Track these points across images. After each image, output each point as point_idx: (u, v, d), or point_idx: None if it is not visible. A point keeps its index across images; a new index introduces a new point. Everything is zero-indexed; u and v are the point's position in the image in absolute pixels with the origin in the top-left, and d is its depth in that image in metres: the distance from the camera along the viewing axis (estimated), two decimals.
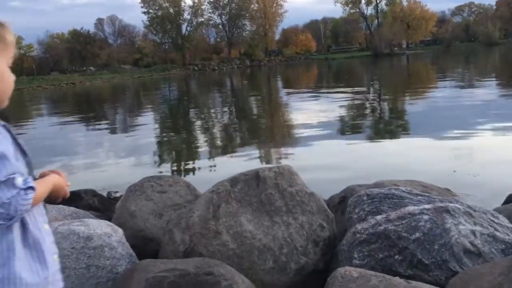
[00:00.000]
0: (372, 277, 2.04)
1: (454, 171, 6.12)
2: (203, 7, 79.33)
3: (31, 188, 1.26)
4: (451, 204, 2.64)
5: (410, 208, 2.66)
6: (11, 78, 1.39)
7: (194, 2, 77.54)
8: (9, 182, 1.22)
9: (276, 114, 15.95)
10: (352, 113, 13.93)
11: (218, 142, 10.96)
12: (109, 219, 3.91)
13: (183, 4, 77.40)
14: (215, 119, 15.78)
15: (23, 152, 1.39)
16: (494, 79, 22.18)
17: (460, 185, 5.09)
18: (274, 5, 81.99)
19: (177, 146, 10.70)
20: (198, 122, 14.85)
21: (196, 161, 8.52)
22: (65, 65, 77.80)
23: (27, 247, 1.35)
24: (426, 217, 2.60)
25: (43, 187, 1.38)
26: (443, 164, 6.63)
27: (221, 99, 24.86)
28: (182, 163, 8.74)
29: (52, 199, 1.46)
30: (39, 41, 78.18)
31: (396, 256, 2.61)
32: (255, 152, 9.02)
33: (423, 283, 2.14)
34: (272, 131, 12.02)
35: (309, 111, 14.53)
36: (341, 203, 3.57)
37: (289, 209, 3.02)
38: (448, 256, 2.48)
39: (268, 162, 7.99)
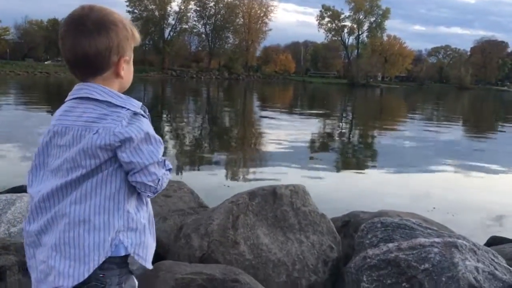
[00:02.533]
0: None
1: (434, 208, 6.38)
2: (189, 14, 79.45)
3: (170, 169, 1.50)
4: (459, 241, 2.83)
5: (421, 240, 2.83)
6: (132, 69, 1.58)
7: (180, 9, 77.60)
8: (162, 163, 1.45)
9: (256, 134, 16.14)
10: (328, 140, 14.26)
11: (204, 152, 11.05)
12: None
13: (169, 9, 77.33)
14: (184, 128, 15.83)
15: None
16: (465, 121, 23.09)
17: (443, 223, 5.36)
18: (259, 22, 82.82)
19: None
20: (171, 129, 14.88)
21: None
22: (40, 54, 76.14)
23: (148, 221, 1.52)
24: (436, 249, 2.77)
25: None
26: (422, 200, 6.90)
27: (196, 108, 24.91)
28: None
29: None
30: (16, 25, 76.43)
31: (404, 284, 2.77)
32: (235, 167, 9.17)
33: None
34: (260, 150, 12.17)
35: (280, 132, 14.79)
36: (344, 226, 3.72)
37: (301, 227, 3.16)
38: None
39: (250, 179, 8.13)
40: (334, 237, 3.22)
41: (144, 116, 1.43)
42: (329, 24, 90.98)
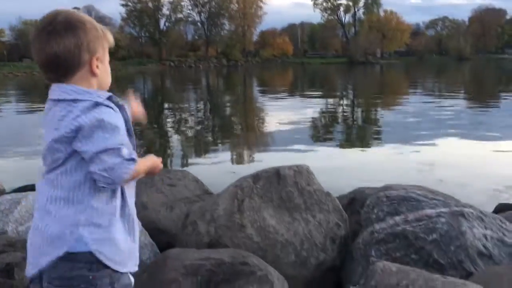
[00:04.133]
0: (410, 272, 2.18)
1: (441, 180, 6.37)
2: (182, 3, 78.82)
3: (133, 160, 1.40)
4: (465, 209, 2.83)
5: (428, 211, 2.83)
6: (109, 68, 1.58)
7: None
8: (116, 151, 1.36)
9: (262, 118, 16.10)
10: (334, 120, 14.22)
11: (208, 139, 11.05)
12: None
13: None
14: (190, 119, 15.81)
15: (130, 135, 1.52)
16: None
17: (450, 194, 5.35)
18: (254, 6, 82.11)
19: (167, 141, 10.73)
20: (173, 120, 14.87)
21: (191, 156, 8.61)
22: None
23: (122, 217, 1.47)
24: (443, 219, 2.77)
25: (143, 164, 1.50)
26: (428, 173, 6.89)
27: (199, 98, 24.86)
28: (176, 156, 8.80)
29: (147, 176, 1.62)
30: (11, 27, 76.10)
31: (413, 255, 2.77)
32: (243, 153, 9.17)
33: (458, 279, 2.30)
34: (263, 134, 12.15)
35: (283, 116, 14.74)
36: (350, 204, 3.72)
37: (307, 207, 3.15)
38: (463, 257, 2.66)
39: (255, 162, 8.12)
40: (340, 214, 3.22)
41: (108, 106, 1.42)
42: (324, 3, 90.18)
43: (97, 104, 1.40)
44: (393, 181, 4.97)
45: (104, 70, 1.51)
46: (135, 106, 1.73)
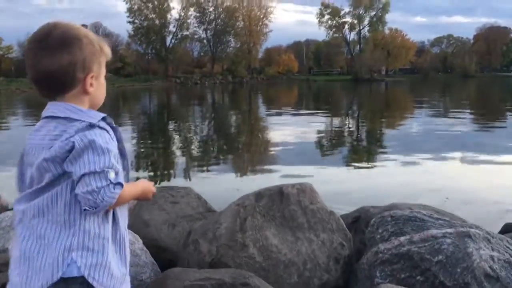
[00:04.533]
0: None
1: (447, 199, 6.31)
2: (189, 21, 79.64)
3: (120, 184, 1.36)
4: (472, 230, 2.78)
5: (433, 231, 2.78)
6: (104, 84, 1.55)
7: (180, 16, 77.82)
8: (103, 174, 1.32)
9: (267, 134, 16.10)
10: (342, 139, 14.19)
11: (211, 156, 11.03)
12: None
13: (169, 16, 77.58)
14: (200, 134, 15.83)
15: (123, 156, 1.49)
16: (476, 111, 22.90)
17: (456, 213, 5.29)
18: (260, 24, 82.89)
19: (174, 158, 10.72)
20: (182, 136, 14.89)
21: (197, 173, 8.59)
22: None
23: (114, 241, 1.44)
24: (448, 240, 2.72)
25: (132, 189, 1.48)
26: (434, 192, 6.82)
27: (206, 115, 24.94)
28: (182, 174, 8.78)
29: (139, 200, 1.58)
30: (19, 43, 76.99)
31: (418, 277, 2.71)
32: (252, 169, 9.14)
33: None
34: (268, 151, 12.13)
35: (290, 132, 14.72)
36: (354, 222, 3.67)
37: (310, 226, 3.11)
38: (470, 279, 2.59)
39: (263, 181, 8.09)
40: (344, 234, 3.17)
41: (102, 128, 1.39)
42: (329, 21, 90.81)
43: (91, 126, 1.37)
44: (398, 200, 4.92)
45: (98, 87, 1.48)
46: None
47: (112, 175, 1.34)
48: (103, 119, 1.43)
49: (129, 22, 76.04)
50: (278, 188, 3.19)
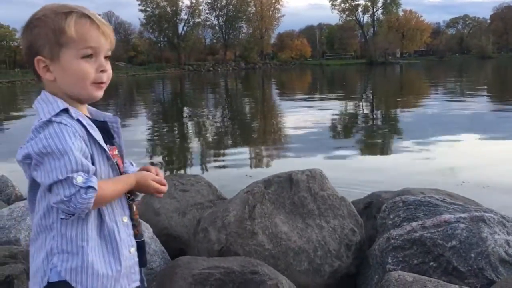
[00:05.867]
0: (427, 282, 2.08)
1: (463, 182, 6.20)
2: (200, 7, 79.44)
3: (91, 187, 1.26)
4: (486, 214, 2.70)
5: (446, 216, 2.71)
6: (80, 68, 1.35)
7: (191, 2, 77.67)
8: (68, 181, 1.24)
9: (285, 119, 16.01)
10: (357, 123, 14.06)
11: (223, 142, 11.01)
12: None
13: (180, 4, 77.44)
14: (220, 120, 15.82)
15: (102, 147, 1.39)
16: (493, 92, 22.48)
17: (471, 197, 5.19)
18: (272, 9, 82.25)
19: (187, 145, 10.74)
20: (200, 123, 14.89)
21: (206, 159, 8.59)
22: None
23: (102, 238, 1.38)
24: (462, 225, 2.65)
25: (112, 187, 1.37)
26: (450, 175, 6.71)
27: (221, 101, 24.92)
28: (194, 161, 8.77)
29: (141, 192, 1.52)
30: None
31: (431, 263, 2.65)
32: (265, 154, 9.11)
33: None
34: (280, 136, 12.07)
35: (310, 117, 14.61)
36: (366, 208, 3.62)
37: (321, 212, 3.06)
38: (484, 264, 2.53)
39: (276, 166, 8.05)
40: (356, 220, 3.12)
41: (61, 123, 1.28)
42: (342, 4, 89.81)
43: (48, 122, 1.28)
44: (411, 184, 4.84)
45: (62, 73, 1.34)
46: (156, 177, 1.51)
47: (79, 180, 1.24)
48: (64, 110, 1.32)
49: (141, 10, 76.16)
50: (287, 175, 3.15)
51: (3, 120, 16.30)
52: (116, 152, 1.48)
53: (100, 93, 1.42)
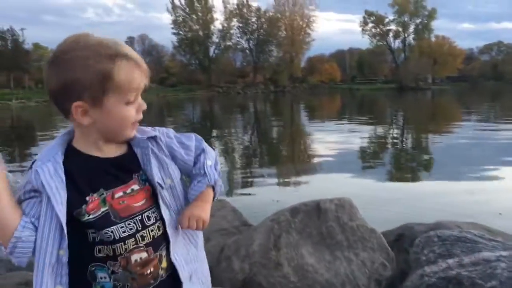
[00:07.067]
0: None
1: (500, 214, 5.92)
2: (232, 31, 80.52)
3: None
4: None
5: (485, 254, 2.53)
6: (124, 113, 1.27)
7: (223, 26, 78.80)
8: None
9: (315, 147, 15.87)
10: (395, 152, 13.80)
11: (251, 165, 10.93)
12: None
13: (212, 27, 78.75)
14: (242, 143, 15.79)
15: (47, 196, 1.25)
16: None
17: (509, 229, 4.92)
18: (302, 33, 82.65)
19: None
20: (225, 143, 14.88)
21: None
22: None
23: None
24: (503, 264, 2.47)
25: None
26: (486, 206, 6.43)
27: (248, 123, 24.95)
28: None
29: None
30: None
31: None
32: (292, 181, 8.98)
33: None
34: (310, 161, 11.93)
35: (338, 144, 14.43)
36: (397, 240, 3.44)
37: (350, 244, 2.92)
38: None
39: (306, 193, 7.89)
40: (386, 253, 2.96)
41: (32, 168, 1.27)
42: (373, 29, 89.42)
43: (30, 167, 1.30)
44: (445, 215, 4.63)
45: (108, 118, 1.24)
46: None
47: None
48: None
49: (174, 33, 77.78)
50: (315, 203, 3.03)
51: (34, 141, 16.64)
52: (120, 193, 1.30)
53: (134, 132, 1.34)
